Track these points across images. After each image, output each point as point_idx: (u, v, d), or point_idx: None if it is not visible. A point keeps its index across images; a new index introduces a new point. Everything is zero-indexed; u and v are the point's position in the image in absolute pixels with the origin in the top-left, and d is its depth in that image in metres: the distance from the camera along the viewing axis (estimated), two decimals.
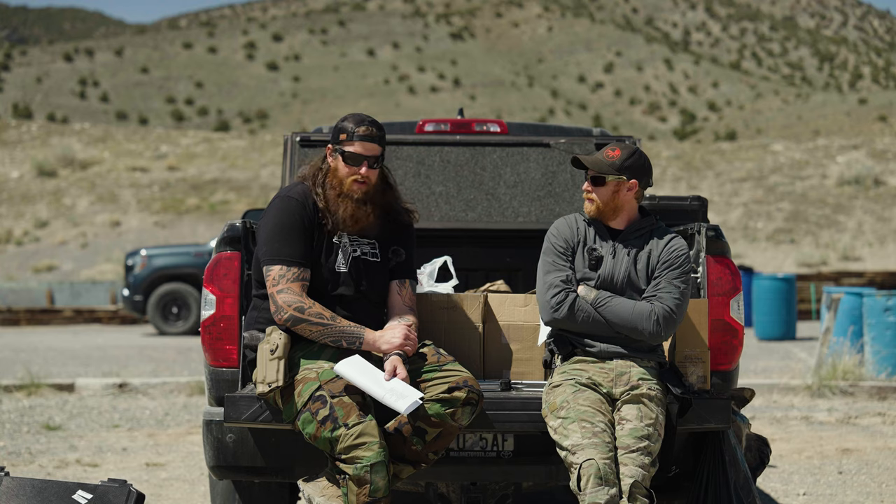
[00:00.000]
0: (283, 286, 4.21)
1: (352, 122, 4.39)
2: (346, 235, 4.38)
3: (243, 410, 4.18)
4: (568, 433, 4.04)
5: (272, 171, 38.20)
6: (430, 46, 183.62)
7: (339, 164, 4.37)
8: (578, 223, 4.45)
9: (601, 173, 4.36)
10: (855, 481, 6.71)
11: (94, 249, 32.63)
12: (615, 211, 4.39)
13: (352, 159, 4.35)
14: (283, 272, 4.23)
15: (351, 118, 4.42)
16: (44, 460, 7.43)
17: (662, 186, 37.07)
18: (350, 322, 4.22)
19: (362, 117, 4.42)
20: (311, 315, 4.17)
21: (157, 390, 11.08)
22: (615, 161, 4.35)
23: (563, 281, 4.30)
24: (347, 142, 4.36)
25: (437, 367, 4.20)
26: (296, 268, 4.25)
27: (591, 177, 4.39)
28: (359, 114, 4.46)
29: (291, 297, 4.19)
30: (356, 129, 4.36)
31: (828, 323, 11.72)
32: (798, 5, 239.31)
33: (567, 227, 4.44)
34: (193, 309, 18.85)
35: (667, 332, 4.25)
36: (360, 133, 4.35)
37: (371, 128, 4.37)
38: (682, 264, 4.33)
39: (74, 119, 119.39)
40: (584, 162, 4.39)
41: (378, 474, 3.97)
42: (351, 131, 4.36)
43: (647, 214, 4.46)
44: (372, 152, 4.36)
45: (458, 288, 5.31)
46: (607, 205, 4.38)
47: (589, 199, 4.41)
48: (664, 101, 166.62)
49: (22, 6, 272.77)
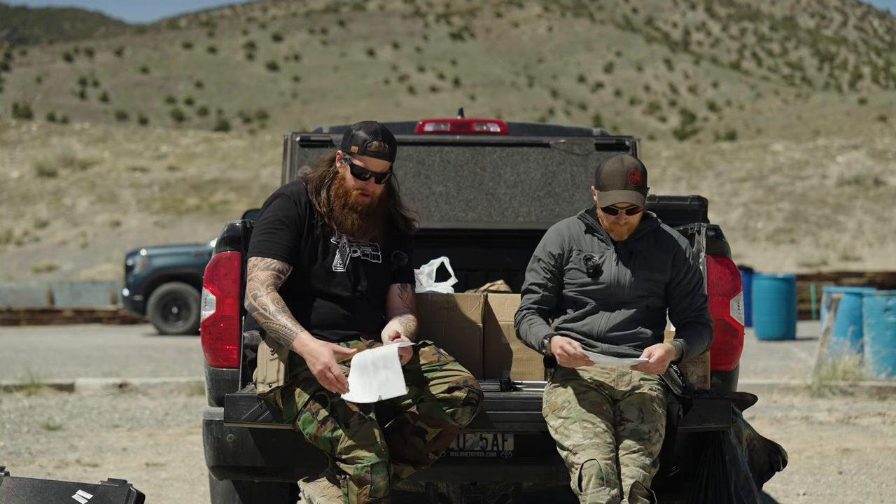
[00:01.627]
0: (252, 274, 4.22)
1: (365, 133, 4.30)
2: (346, 236, 4.38)
3: (243, 410, 4.18)
4: (569, 433, 4.04)
5: (272, 171, 38.19)
6: (430, 46, 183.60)
7: (347, 173, 4.34)
8: (573, 230, 4.38)
9: (642, 201, 4.22)
10: (855, 481, 6.71)
11: (94, 249, 32.63)
12: (632, 230, 4.34)
13: (360, 174, 4.31)
14: (255, 262, 4.24)
15: (364, 129, 4.32)
16: (44, 460, 7.43)
17: (662, 186, 37.06)
18: (290, 320, 4.09)
19: (375, 130, 4.32)
20: (259, 305, 4.13)
21: (157, 390, 11.08)
22: (640, 183, 4.22)
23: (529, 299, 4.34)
24: (358, 155, 4.30)
25: (437, 367, 4.20)
26: (269, 259, 4.23)
27: (628, 210, 4.23)
28: (372, 125, 4.35)
29: (253, 285, 4.18)
30: (368, 145, 4.28)
31: (828, 323, 11.72)
32: (798, 5, 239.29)
33: (558, 235, 4.38)
34: (193, 309, 18.85)
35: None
36: (372, 149, 4.28)
37: (383, 143, 4.29)
38: (697, 270, 4.36)
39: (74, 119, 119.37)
40: (636, 203, 4.19)
41: (378, 474, 3.97)
42: (362, 145, 4.29)
43: (646, 216, 4.42)
44: (381, 169, 4.31)
45: (458, 288, 5.31)
46: (633, 228, 4.32)
47: (620, 226, 4.26)
48: (664, 101, 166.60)
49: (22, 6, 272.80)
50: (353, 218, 4.33)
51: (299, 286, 4.31)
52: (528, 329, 4.27)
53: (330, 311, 4.30)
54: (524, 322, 4.31)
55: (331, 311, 4.31)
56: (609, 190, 4.21)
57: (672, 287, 4.33)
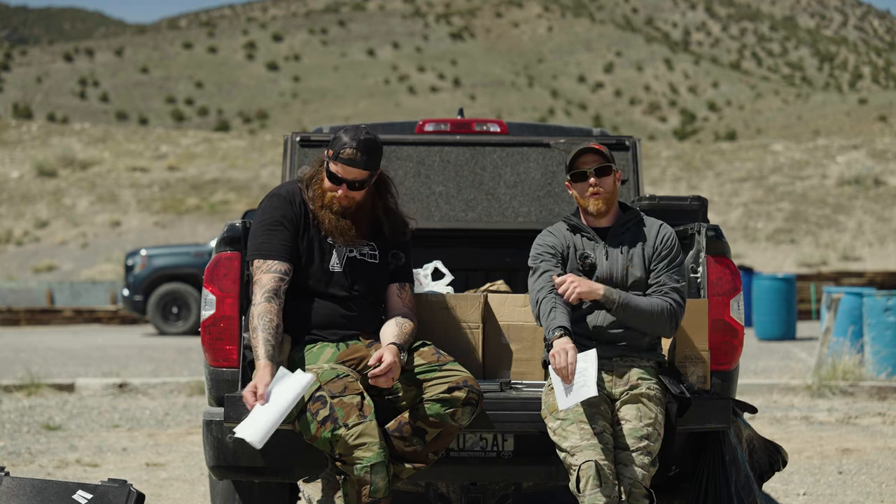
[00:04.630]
0: (255, 278, 4.24)
1: (345, 138, 4.26)
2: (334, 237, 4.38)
3: (243, 410, 4.18)
4: (567, 434, 4.04)
5: (272, 171, 38.19)
6: (430, 46, 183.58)
7: (324, 175, 4.35)
8: (563, 232, 4.41)
9: (608, 161, 4.32)
10: (855, 481, 6.71)
11: (94, 249, 32.63)
12: (610, 205, 4.38)
13: (332, 177, 4.31)
14: (258, 265, 4.26)
15: (347, 134, 4.28)
16: (44, 460, 7.43)
17: (662, 186, 37.06)
18: (264, 343, 4.06)
19: (356, 138, 4.25)
20: (252, 315, 4.15)
21: (157, 390, 11.08)
22: (603, 149, 4.35)
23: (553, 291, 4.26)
24: (332, 159, 4.29)
25: (437, 367, 4.20)
26: (271, 261, 4.25)
27: (596, 169, 4.32)
28: (358, 132, 4.29)
29: (254, 290, 4.21)
30: (342, 151, 4.24)
31: (828, 323, 11.72)
32: (798, 5, 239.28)
33: (552, 236, 4.39)
34: (193, 309, 18.85)
35: (679, 324, 4.27)
36: (344, 156, 4.25)
37: (357, 153, 4.23)
38: (675, 253, 4.34)
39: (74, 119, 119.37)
40: (595, 149, 4.31)
41: (378, 475, 3.97)
42: (338, 150, 4.26)
43: (627, 208, 4.45)
44: (352, 177, 4.27)
45: (458, 288, 5.30)
46: (611, 197, 4.36)
47: (596, 193, 4.32)
48: (664, 101, 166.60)
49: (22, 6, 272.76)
50: (330, 218, 4.33)
51: (298, 286, 4.32)
52: (548, 311, 4.18)
53: (328, 311, 4.31)
54: (546, 302, 4.20)
55: (329, 311, 4.31)
56: (571, 158, 4.35)
57: (650, 266, 4.33)
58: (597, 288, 4.18)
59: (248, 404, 4.00)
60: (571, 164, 4.36)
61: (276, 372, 4.04)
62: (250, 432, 3.94)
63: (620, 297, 4.19)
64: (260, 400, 3.97)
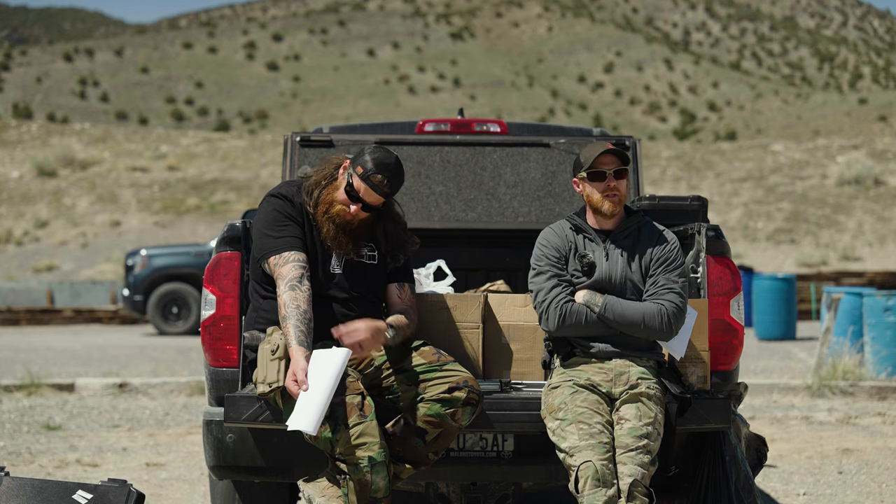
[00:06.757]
0: (277, 272, 4.21)
1: (376, 163, 4.25)
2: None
3: (243, 410, 4.18)
4: (566, 435, 4.04)
5: (272, 171, 38.19)
6: (430, 46, 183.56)
7: (342, 186, 4.33)
8: (566, 230, 4.39)
9: (626, 164, 4.30)
10: (855, 481, 6.71)
11: (94, 249, 32.63)
12: (621, 207, 4.37)
13: (351, 194, 4.31)
14: (275, 261, 4.24)
15: (379, 158, 4.26)
16: (44, 460, 7.43)
17: (662, 186, 37.06)
18: (294, 330, 4.07)
19: (388, 165, 4.26)
20: (279, 305, 4.14)
21: (157, 390, 11.08)
22: (625, 154, 4.32)
23: (564, 290, 4.27)
24: (360, 177, 4.28)
25: (437, 367, 4.20)
26: (286, 252, 4.24)
27: (615, 171, 4.28)
28: (390, 158, 4.28)
29: (279, 284, 4.18)
30: (372, 175, 4.25)
31: (828, 323, 11.72)
32: (798, 5, 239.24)
33: (556, 235, 4.38)
34: (193, 309, 18.85)
35: (676, 330, 4.24)
36: (373, 181, 4.26)
37: (385, 181, 4.24)
38: (676, 259, 4.32)
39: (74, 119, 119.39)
40: (616, 150, 4.27)
41: (378, 475, 3.97)
42: (368, 171, 4.26)
43: (632, 212, 4.43)
44: (372, 201, 4.30)
45: (459, 288, 5.30)
46: (624, 199, 4.33)
47: (613, 195, 4.28)
48: (664, 101, 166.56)
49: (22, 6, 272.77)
50: (329, 227, 4.32)
51: None
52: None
53: (329, 312, 4.30)
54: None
55: (330, 312, 4.30)
56: (591, 157, 4.28)
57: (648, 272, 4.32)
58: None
59: (292, 394, 4.00)
60: (591, 164, 4.30)
61: (310, 355, 4.04)
62: (303, 422, 3.93)
63: (604, 302, 4.20)
64: (302, 386, 3.97)
